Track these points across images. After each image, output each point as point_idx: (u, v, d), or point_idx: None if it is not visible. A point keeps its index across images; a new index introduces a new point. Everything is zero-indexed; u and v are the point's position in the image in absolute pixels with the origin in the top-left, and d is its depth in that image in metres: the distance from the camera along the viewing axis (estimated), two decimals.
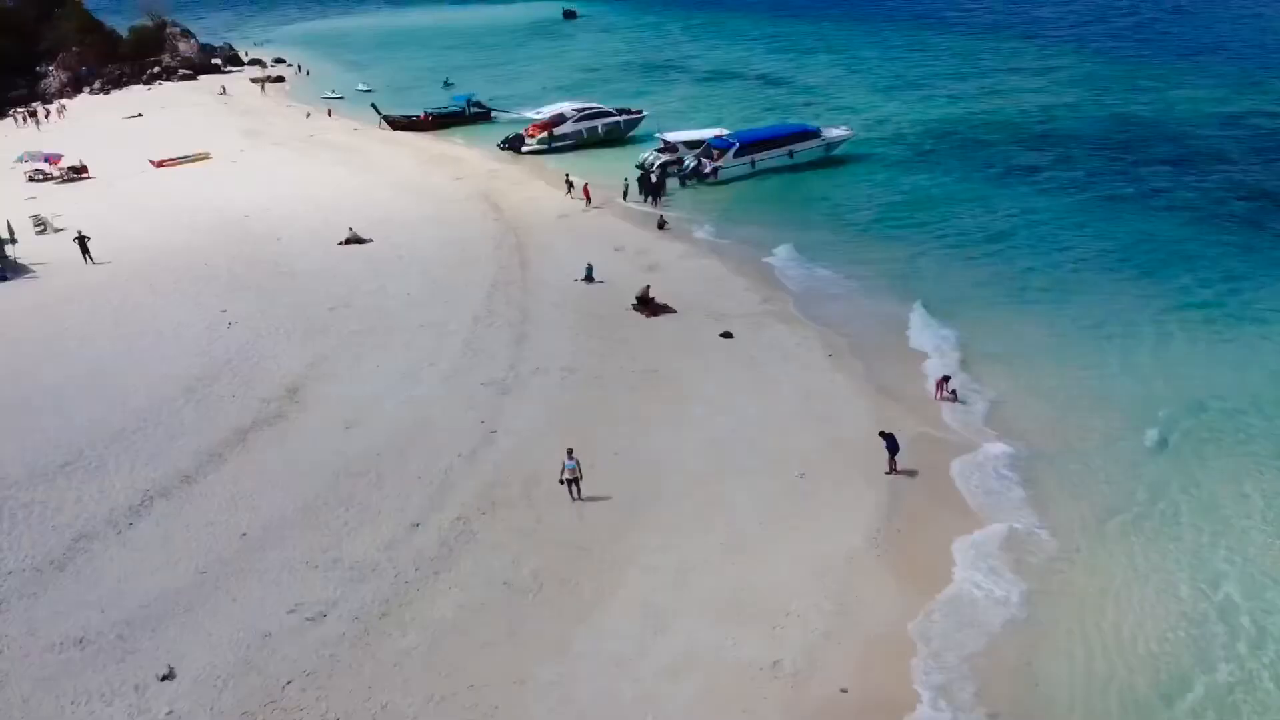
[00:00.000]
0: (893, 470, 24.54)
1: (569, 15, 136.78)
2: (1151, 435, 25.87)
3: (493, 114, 71.60)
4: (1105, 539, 22.09)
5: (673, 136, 55.62)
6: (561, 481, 23.28)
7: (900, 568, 21.26)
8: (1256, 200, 45.04)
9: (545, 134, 61.07)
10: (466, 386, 29.14)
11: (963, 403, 28.16)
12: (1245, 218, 42.85)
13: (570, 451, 23.15)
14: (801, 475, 24.50)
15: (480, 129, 69.08)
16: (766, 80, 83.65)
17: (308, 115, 73.17)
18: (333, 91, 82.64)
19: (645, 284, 35.47)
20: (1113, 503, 23.28)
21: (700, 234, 44.22)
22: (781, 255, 40.96)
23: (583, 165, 54.84)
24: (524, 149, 61.06)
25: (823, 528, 22.56)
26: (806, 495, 23.79)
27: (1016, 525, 22.56)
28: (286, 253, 40.83)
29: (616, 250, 41.50)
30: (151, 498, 23.54)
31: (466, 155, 60.63)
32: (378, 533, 22.30)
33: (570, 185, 49.71)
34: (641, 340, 32.49)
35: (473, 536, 22.15)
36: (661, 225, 45.13)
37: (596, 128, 62.39)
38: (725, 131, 56.13)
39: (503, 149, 61.85)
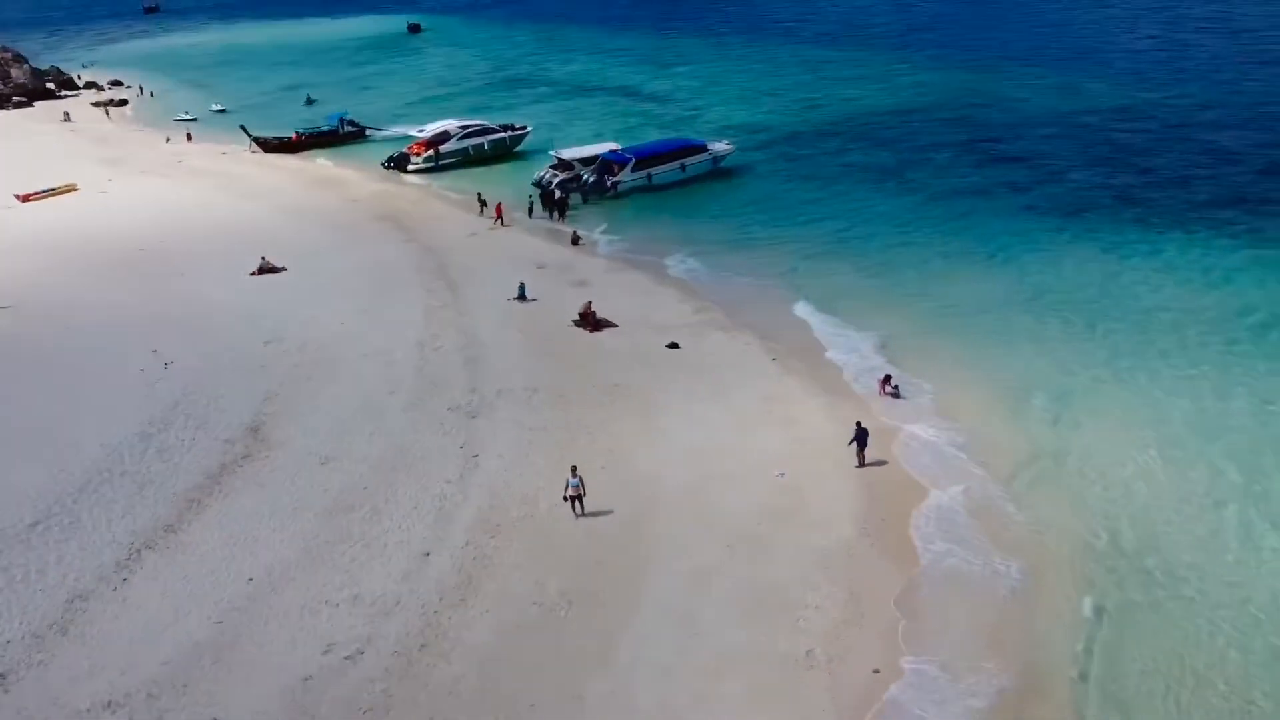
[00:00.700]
0: (862, 463, 26.25)
1: (413, 29, 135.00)
2: (1042, 401, 29.22)
3: (367, 132, 70.36)
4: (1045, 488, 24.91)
5: (567, 153, 56.28)
6: (565, 498, 23.81)
7: (893, 551, 22.87)
8: (1086, 191, 49.53)
9: (431, 152, 60.63)
10: (433, 413, 29.12)
11: (904, 398, 30.17)
12: (1076, 206, 47.11)
13: (574, 469, 23.76)
14: (782, 475, 25.87)
15: (356, 148, 67.85)
16: (634, 94, 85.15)
17: (167, 140, 69.84)
18: (186, 113, 79.10)
19: (586, 300, 36.14)
20: (1044, 460, 26.17)
21: (616, 248, 45.25)
22: (699, 265, 42.44)
23: (475, 182, 55.16)
24: (410, 168, 60.43)
25: (814, 522, 23.94)
26: (791, 493, 25.15)
27: (970, 493, 24.85)
28: (198, 286, 39.27)
29: (540, 268, 41.96)
30: (139, 550, 22.66)
31: (351, 177, 59.47)
32: (390, 565, 22.26)
33: (483, 204, 49.74)
34: (592, 356, 33.19)
35: (488, 561, 22.42)
36: (575, 241, 45.90)
37: (483, 144, 62.38)
38: (618, 146, 57.28)
39: (387, 168, 61.00)
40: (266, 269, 40.63)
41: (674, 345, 33.82)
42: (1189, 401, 28.66)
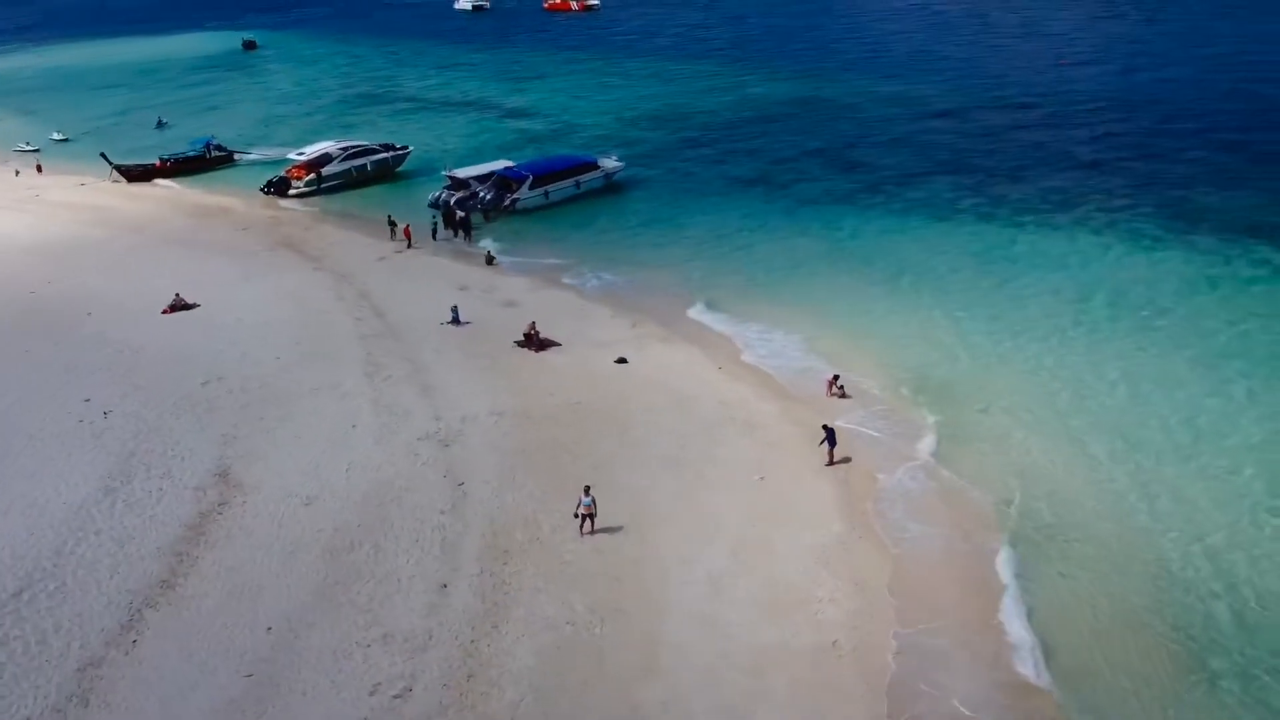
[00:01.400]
0: (832, 461, 27.93)
1: (249, 46, 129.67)
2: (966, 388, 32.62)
3: (236, 156, 67.69)
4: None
5: (461, 172, 56.09)
6: (576, 516, 24.35)
7: (883, 540, 24.56)
8: (940, 190, 54.41)
9: (313, 175, 59.07)
10: (404, 444, 28.94)
11: (850, 396, 32.11)
12: (933, 203, 52.07)
13: (587, 489, 24.36)
14: (761, 479, 27.23)
15: (227, 174, 65.21)
16: (499, 109, 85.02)
17: (16, 174, 64.89)
18: (27, 144, 73.68)
19: (530, 321, 36.48)
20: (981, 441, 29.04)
21: (530, 267, 45.52)
22: (617, 280, 43.48)
23: (362, 205, 54.83)
24: (291, 192, 58.68)
25: (803, 521, 25.42)
26: (774, 495, 26.54)
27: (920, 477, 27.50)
28: (109, 327, 37.18)
29: (462, 289, 41.86)
30: (140, 610, 21.72)
31: (233, 204, 57.18)
32: (410, 600, 22.23)
33: (393, 226, 49.03)
34: (544, 376, 33.63)
35: (508, 587, 22.70)
36: (490, 261, 46.02)
37: (365, 165, 61.22)
38: (511, 164, 57.46)
39: (267, 194, 58.98)
40: (179, 306, 38.91)
41: (622, 360, 34.69)
42: (1069, 370, 32.95)
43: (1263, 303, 37.27)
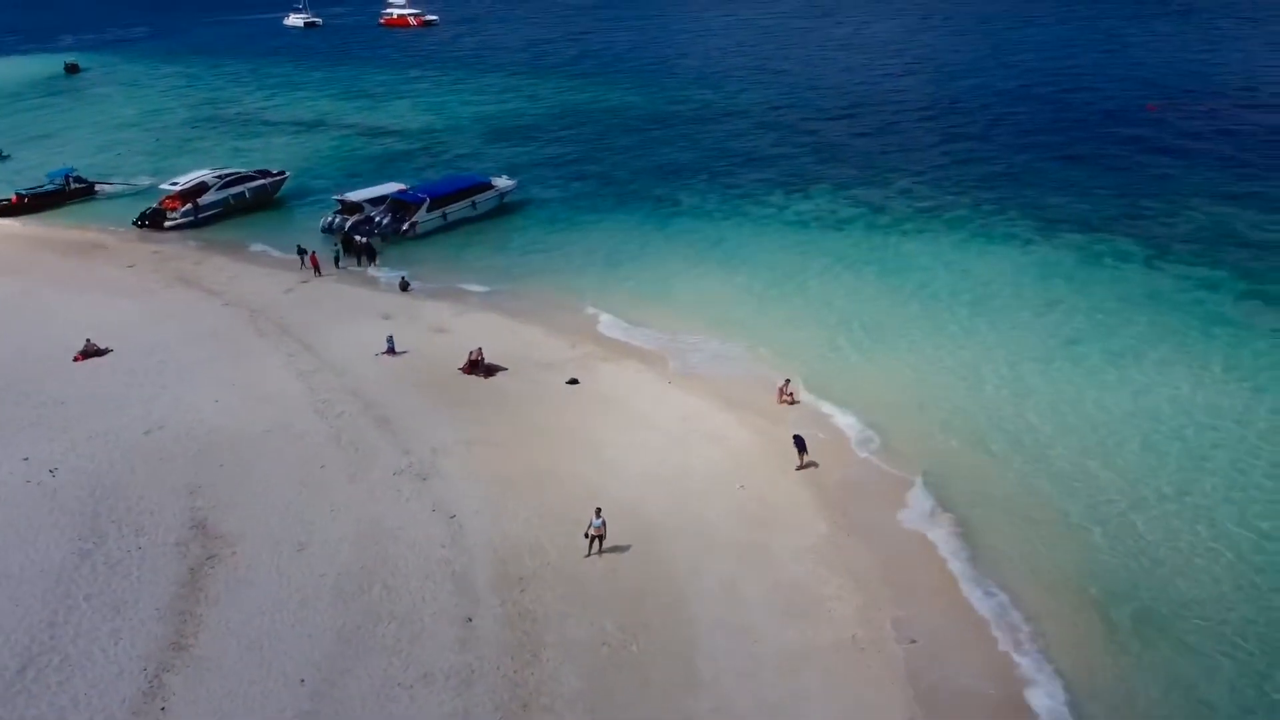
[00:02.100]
0: (802, 465, 29.47)
1: (71, 69, 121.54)
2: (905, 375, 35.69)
3: (97, 188, 63.72)
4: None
5: (354, 195, 55.02)
6: (587, 536, 24.85)
7: (868, 536, 26.22)
8: (815, 193, 57.87)
9: (189, 205, 56.49)
10: (381, 481, 28.57)
11: (799, 402, 33.83)
12: (814, 206, 54.52)
13: (599, 511, 24.91)
14: (742, 487, 28.47)
15: (87, 207, 61.36)
16: (361, 128, 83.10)
17: None
18: None
19: (477, 346, 36.45)
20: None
21: (449, 292, 45.21)
22: (534, 299, 43.89)
23: (241, 234, 53.37)
24: (167, 224, 55.92)
25: (791, 523, 26.85)
26: (758, 502, 27.82)
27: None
28: (19, 381, 34.63)
29: (386, 318, 41.30)
30: (157, 675, 20.84)
31: (105, 239, 53.95)
32: (439, 637, 22.24)
33: (302, 255, 47.59)
34: (500, 401, 33.76)
35: (533, 615, 23.02)
36: (405, 288, 45.44)
37: (243, 193, 58.98)
38: (403, 186, 56.70)
39: (140, 227, 55.99)
40: (91, 352, 36.68)
41: (574, 381, 35.21)
42: (965, 360, 36.37)
43: (1111, 289, 41.57)
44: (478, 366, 35.96)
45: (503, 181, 59.11)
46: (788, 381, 33.99)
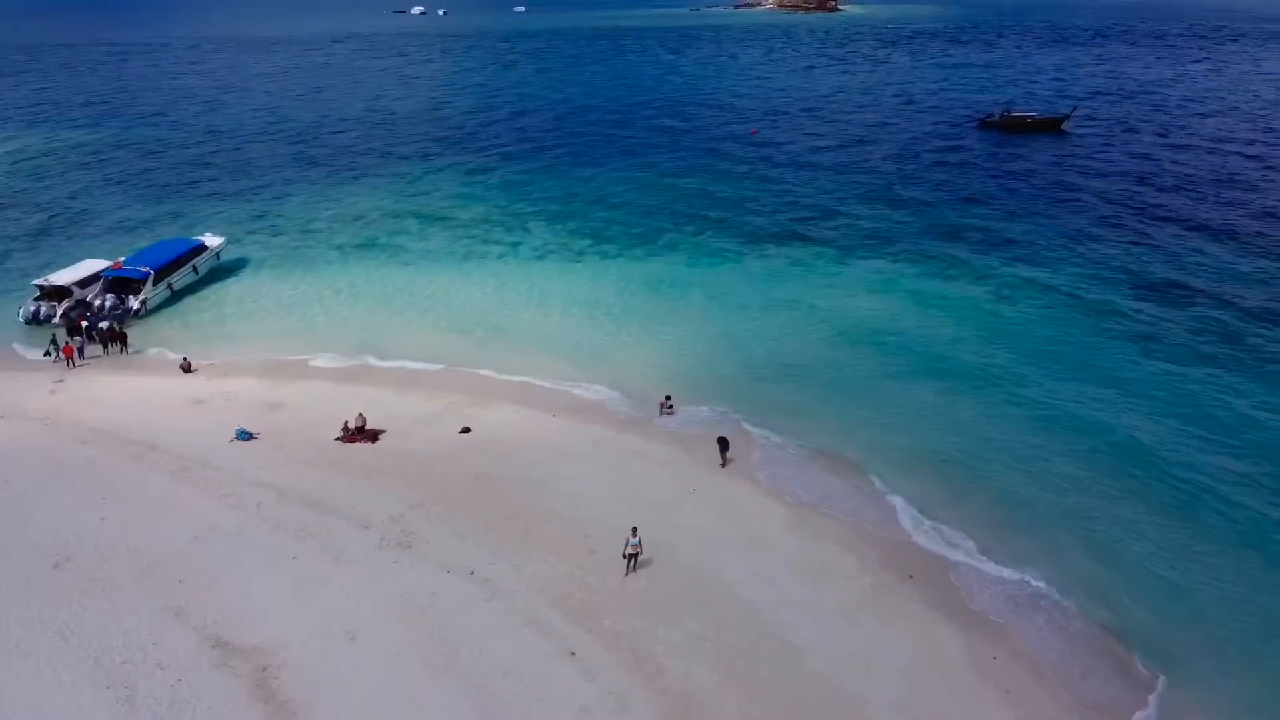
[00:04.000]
0: (725, 464, 33.48)
1: None
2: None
3: None
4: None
5: (58, 278, 48.25)
6: (625, 556, 26.71)
7: (819, 510, 30.96)
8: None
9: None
10: (369, 558, 27.57)
11: (676, 411, 37.58)
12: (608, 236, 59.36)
13: (634, 530, 26.83)
14: (694, 490, 31.83)
15: None
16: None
17: None
18: None
19: (357, 413, 35.33)
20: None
21: (239, 366, 42.35)
22: (347, 357, 43.08)
23: None
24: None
25: (753, 512, 30.70)
26: (717, 500, 31.29)
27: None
28: None
29: (198, 403, 38.12)
30: None
31: None
32: (560, 676, 23.01)
33: (54, 346, 41.27)
34: (409, 463, 33.28)
35: (623, 634, 24.58)
36: (187, 369, 41.69)
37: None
38: (109, 262, 50.71)
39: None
40: None
41: (466, 430, 35.76)
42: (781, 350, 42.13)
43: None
44: (361, 432, 35.00)
45: (214, 239, 55.32)
46: (668, 397, 37.56)
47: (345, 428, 35.15)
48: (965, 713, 22.51)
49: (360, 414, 35.49)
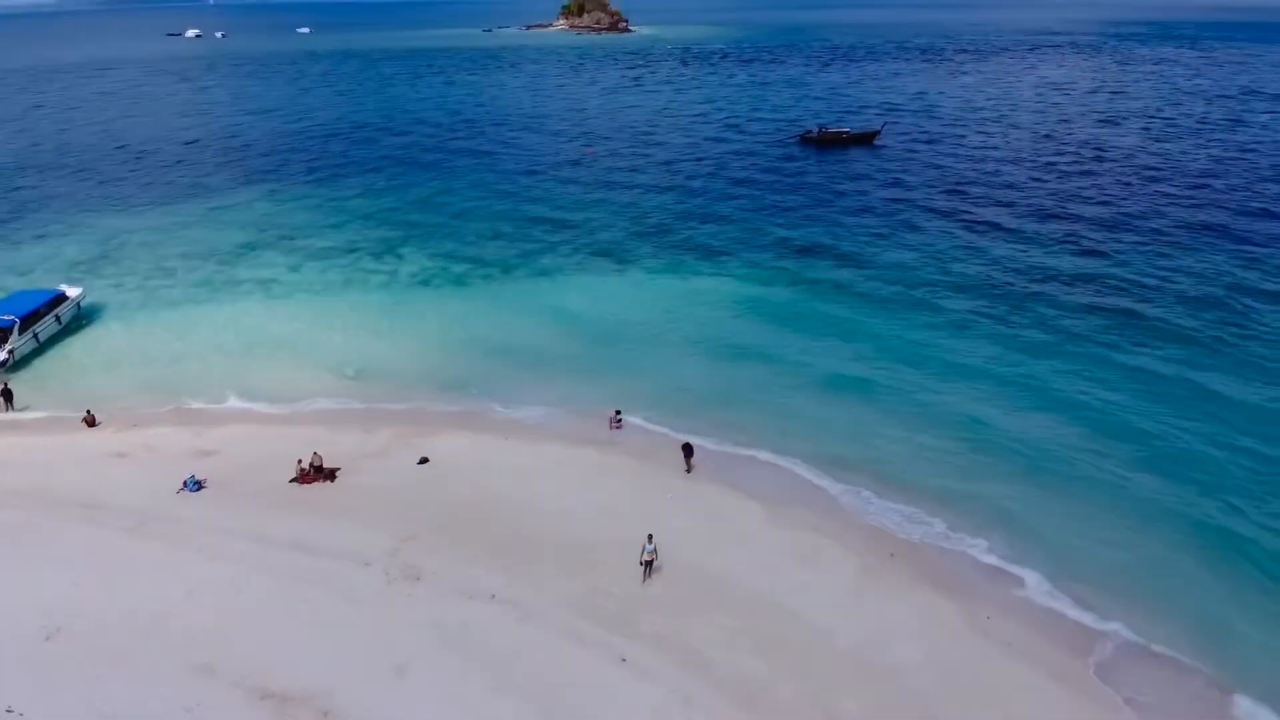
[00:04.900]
0: (690, 469, 35.14)
1: None
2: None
3: None
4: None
5: None
6: (642, 564, 27.86)
7: (787, 501, 33.13)
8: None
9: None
10: (381, 594, 27.32)
11: (625, 425, 38.73)
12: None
13: (650, 537, 28.04)
14: (671, 496, 33.30)
15: None
16: None
17: None
18: None
19: (313, 452, 34.39)
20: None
21: (150, 417, 39.93)
22: (267, 395, 41.68)
23: None
24: None
25: (732, 510, 32.50)
26: (694, 503, 32.85)
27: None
28: None
29: (120, 456, 36.05)
30: None
31: None
32: (619, 680, 23.99)
33: None
34: (376, 498, 32.72)
35: (663, 637, 25.76)
36: (91, 423, 39.03)
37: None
38: None
39: None
40: None
41: (424, 460, 35.60)
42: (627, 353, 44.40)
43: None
44: (320, 472, 34.18)
45: (73, 290, 51.62)
46: (618, 412, 38.71)
47: (301, 468, 34.17)
48: (981, 668, 25.14)
49: (315, 453, 34.58)
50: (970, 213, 69.60)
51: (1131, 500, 32.59)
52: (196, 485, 33.40)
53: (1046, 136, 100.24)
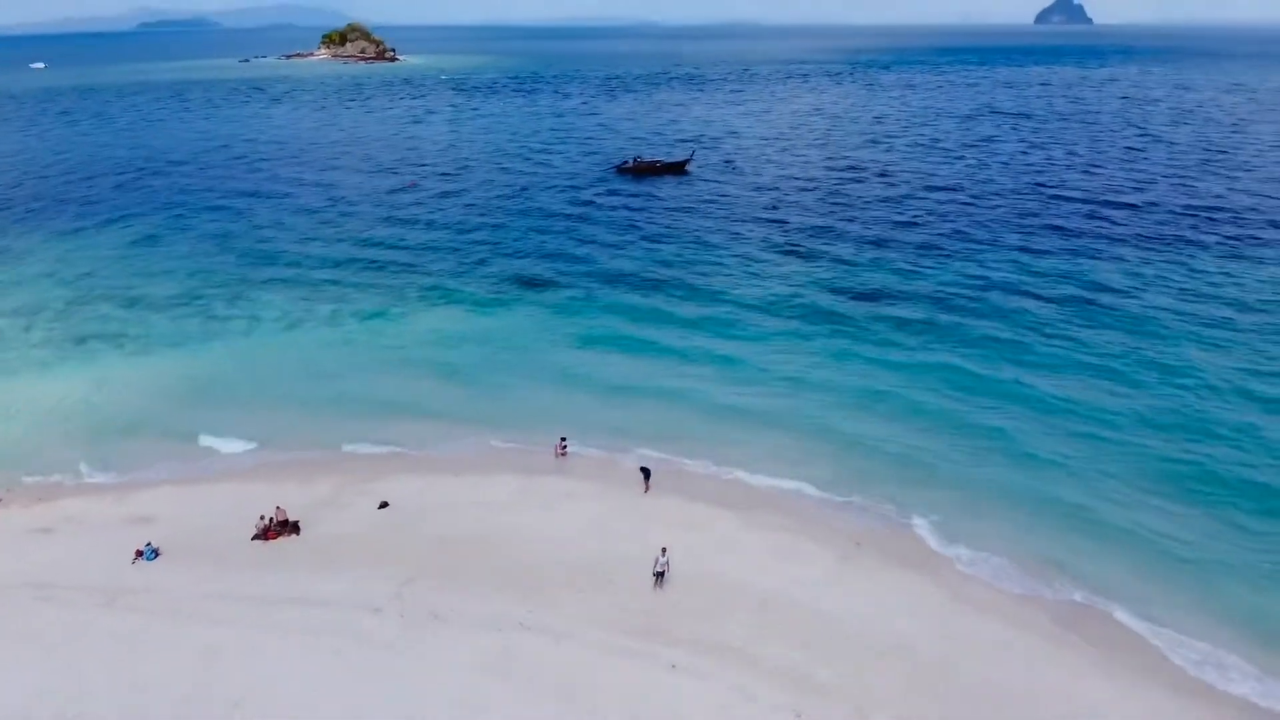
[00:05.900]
0: (647, 489, 36.86)
1: None
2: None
3: None
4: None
5: None
6: (655, 574, 29.36)
7: (751, 508, 35.56)
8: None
9: None
10: (405, 639, 27.01)
11: (571, 453, 39.73)
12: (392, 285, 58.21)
13: (664, 550, 29.58)
14: (644, 515, 34.87)
15: None
16: None
17: None
18: None
19: (276, 506, 33.22)
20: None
21: (62, 484, 37.16)
22: (184, 454, 39.72)
23: None
24: None
25: (701, 521, 34.43)
26: (670, 518, 34.45)
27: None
28: None
29: (46, 532, 33.55)
30: None
31: None
32: (680, 691, 25.22)
33: None
34: (353, 548, 32.09)
35: (696, 639, 27.24)
36: None
37: None
38: None
39: None
40: None
41: (384, 505, 35.25)
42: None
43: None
44: (286, 525, 33.17)
45: None
46: (564, 439, 39.68)
47: (263, 524, 33.01)
48: (975, 634, 28.43)
49: (278, 507, 33.49)
50: (782, 232, 75.28)
51: (1039, 474, 37.29)
52: (154, 553, 31.54)
53: (830, 159, 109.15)
